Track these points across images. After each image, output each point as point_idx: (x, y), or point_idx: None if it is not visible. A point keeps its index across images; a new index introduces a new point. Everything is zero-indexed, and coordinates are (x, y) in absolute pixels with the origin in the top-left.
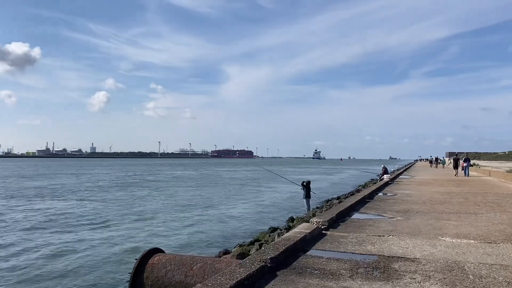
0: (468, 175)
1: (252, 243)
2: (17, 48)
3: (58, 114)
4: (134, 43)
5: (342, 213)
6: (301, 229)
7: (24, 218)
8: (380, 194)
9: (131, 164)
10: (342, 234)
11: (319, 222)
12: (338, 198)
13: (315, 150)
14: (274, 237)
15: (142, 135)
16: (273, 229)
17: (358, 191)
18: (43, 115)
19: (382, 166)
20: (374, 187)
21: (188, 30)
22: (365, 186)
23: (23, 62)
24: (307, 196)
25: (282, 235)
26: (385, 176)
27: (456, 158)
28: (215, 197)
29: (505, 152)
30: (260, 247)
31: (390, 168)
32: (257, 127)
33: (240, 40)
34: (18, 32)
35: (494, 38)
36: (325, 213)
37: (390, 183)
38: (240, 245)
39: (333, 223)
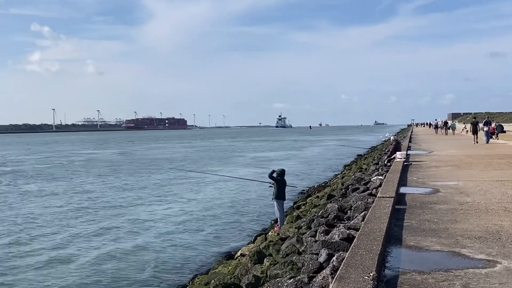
0: (488, 142)
1: None
2: None
3: None
4: None
5: (382, 254)
6: None
7: None
8: (410, 190)
9: (13, 142)
10: None
11: None
12: (326, 191)
13: (279, 116)
14: None
15: (28, 100)
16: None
17: (359, 180)
18: None
19: (391, 137)
20: (394, 176)
21: None
22: (362, 168)
23: None
24: (279, 196)
25: None
26: (397, 154)
27: (475, 121)
28: (127, 192)
29: None
30: None
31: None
32: (193, 86)
33: None
34: None
35: None
36: (349, 268)
37: (407, 164)
38: None
39: None
